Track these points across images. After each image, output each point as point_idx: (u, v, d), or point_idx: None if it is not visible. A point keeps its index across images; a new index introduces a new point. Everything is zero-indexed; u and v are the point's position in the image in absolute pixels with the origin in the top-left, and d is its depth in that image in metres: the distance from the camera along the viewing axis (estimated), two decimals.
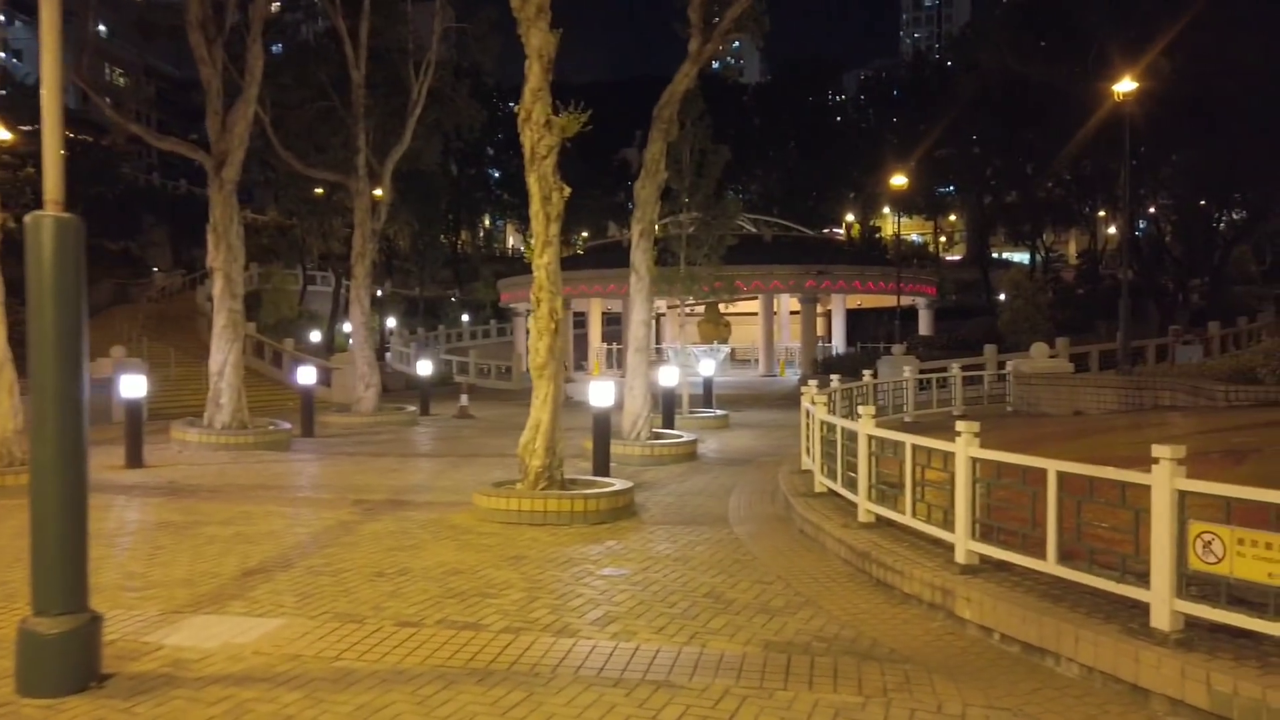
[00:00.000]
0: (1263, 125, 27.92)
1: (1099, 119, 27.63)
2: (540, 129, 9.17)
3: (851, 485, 8.11)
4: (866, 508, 7.60)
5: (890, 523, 7.35)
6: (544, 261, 9.32)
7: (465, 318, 53.29)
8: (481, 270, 60.08)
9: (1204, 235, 31.68)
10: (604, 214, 68.67)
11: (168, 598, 6.38)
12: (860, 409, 7.67)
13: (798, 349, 43.57)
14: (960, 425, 6.20)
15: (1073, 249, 71.25)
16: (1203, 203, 31.18)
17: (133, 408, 12.76)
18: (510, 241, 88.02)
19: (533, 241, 9.44)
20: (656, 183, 13.29)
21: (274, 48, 24.88)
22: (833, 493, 8.81)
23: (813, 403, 9.84)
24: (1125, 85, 18.24)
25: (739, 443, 15.92)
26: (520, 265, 61.72)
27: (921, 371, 20.25)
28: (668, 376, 15.88)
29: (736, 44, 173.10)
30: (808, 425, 10.51)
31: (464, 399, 21.10)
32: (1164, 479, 4.76)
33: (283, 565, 7.31)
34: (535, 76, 9.11)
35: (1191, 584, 4.68)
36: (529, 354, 9.51)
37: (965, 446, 6.14)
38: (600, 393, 11.18)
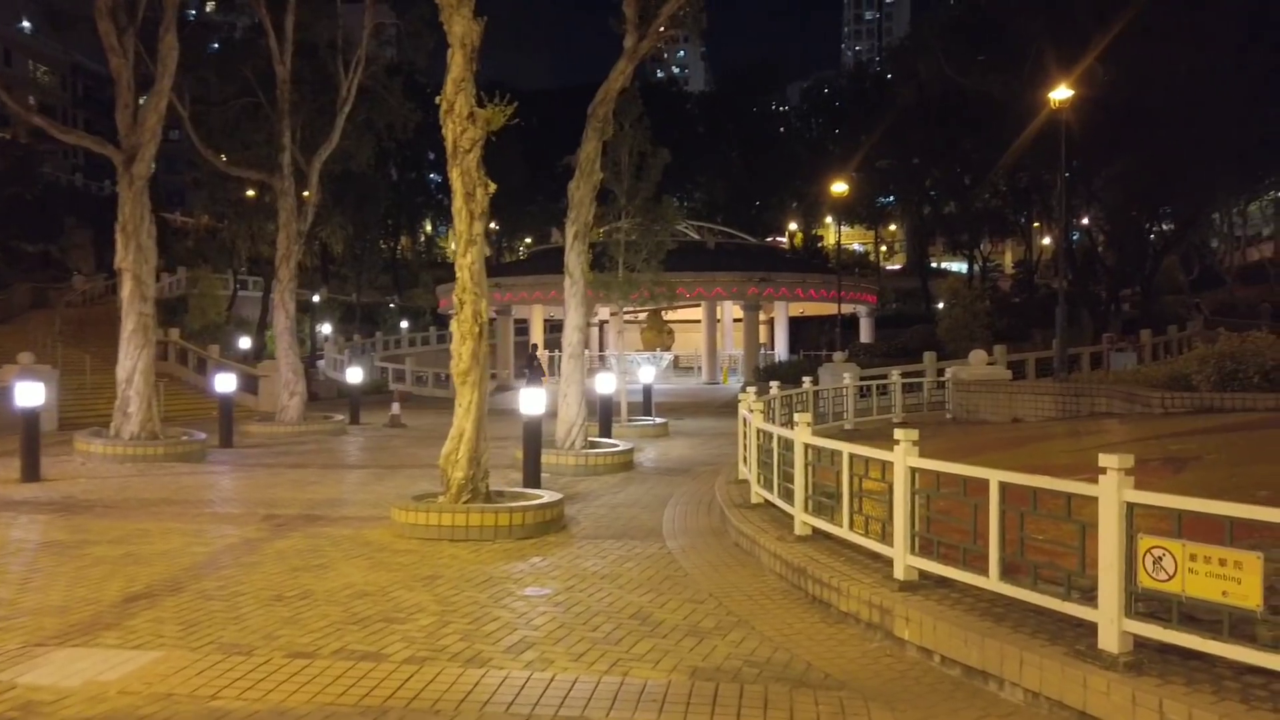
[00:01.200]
0: (1192, 137, 28.55)
1: (1035, 130, 28.00)
2: (463, 121, 8.68)
3: (788, 496, 7.76)
4: (803, 520, 7.25)
5: (828, 536, 7.01)
6: (467, 261, 8.83)
7: (404, 324, 52.19)
8: (421, 276, 58.99)
9: (1136, 245, 32.33)
10: (547, 220, 67.98)
11: (34, 628, 5.74)
12: (797, 417, 7.33)
13: (741, 356, 43.52)
14: (899, 433, 5.87)
15: (1009, 259, 72.68)
16: (1134, 213, 31.77)
17: (29, 417, 11.89)
18: (453, 246, 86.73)
19: (455, 240, 8.92)
20: (591, 183, 12.86)
21: (213, 46, 23.99)
22: (769, 504, 8.45)
23: (750, 410, 9.50)
24: (1061, 93, 18.38)
25: (678, 451, 15.54)
26: None
27: (862, 378, 20.14)
28: (604, 384, 15.45)
29: (682, 53, 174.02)
30: (745, 434, 10.16)
31: (395, 407, 20.39)
32: (1112, 490, 4.46)
33: (172, 589, 6.68)
34: (458, 66, 8.63)
35: (1140, 602, 4.39)
36: (452, 359, 9.00)
37: (904, 456, 5.81)
38: (531, 400, 10.70)
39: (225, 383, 16.22)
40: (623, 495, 11.15)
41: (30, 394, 11.94)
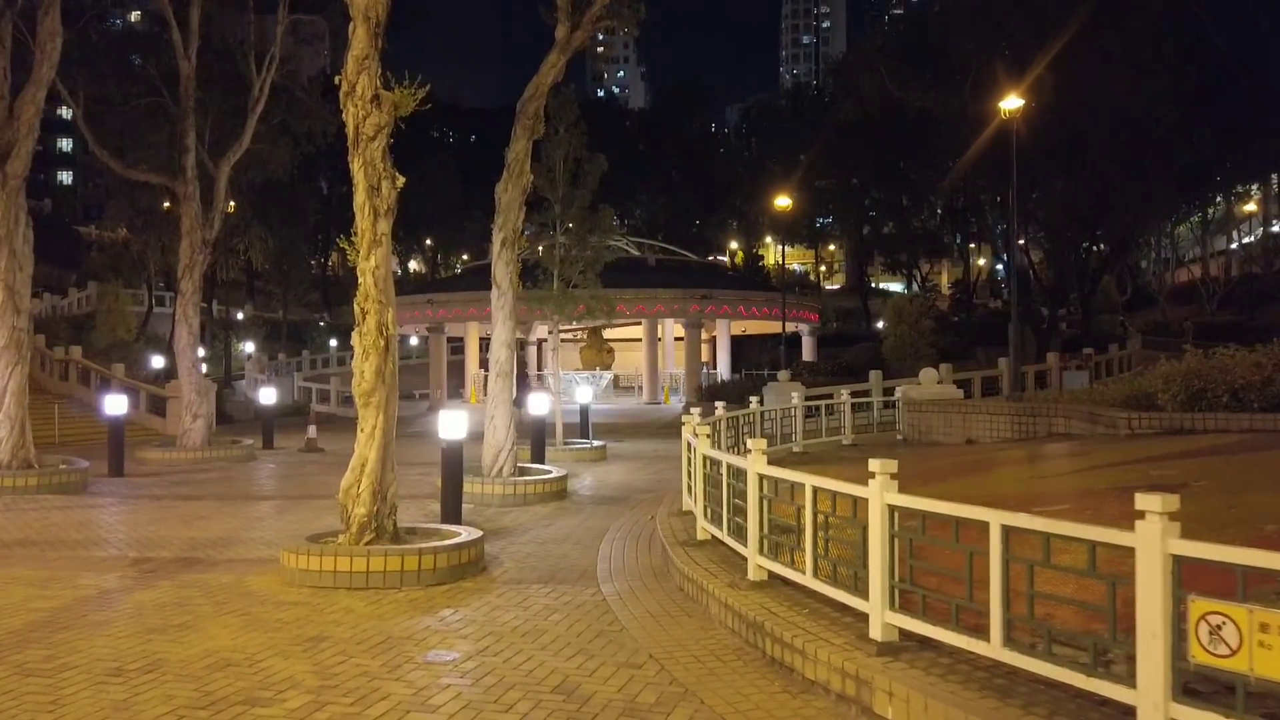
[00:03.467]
0: (1127, 158, 28.65)
1: (975, 149, 27.82)
2: (366, 105, 7.57)
3: (740, 534, 6.75)
4: (758, 563, 6.24)
5: (787, 582, 6.00)
6: (370, 265, 7.68)
7: (333, 343, 50.23)
8: (352, 292, 56.83)
9: (1074, 265, 32.42)
10: (484, 237, 66.37)
11: None
12: (750, 443, 6.33)
13: (682, 376, 42.66)
14: (874, 464, 4.91)
15: (945, 279, 73.51)
16: (1071, 233, 31.86)
17: None
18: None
19: (357, 240, 7.78)
20: (520, 185, 11.80)
21: (110, 39, 22.28)
22: (718, 541, 7.44)
23: (694, 434, 8.49)
24: (1011, 102, 17.96)
25: (616, 477, 14.47)
26: (396, 288, 58.85)
27: (808, 398, 19.35)
28: (537, 405, 14.32)
29: (621, 72, 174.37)
30: (689, 460, 9.15)
31: (311, 430, 18.93)
32: (1154, 541, 3.55)
33: None
34: (360, 42, 7.52)
35: (1193, 681, 3.47)
36: (354, 376, 7.83)
37: (881, 491, 4.85)
38: (450, 423, 9.55)
39: (115, 405, 14.68)
40: (554, 529, 10.03)
41: None
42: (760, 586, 6.15)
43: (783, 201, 29.08)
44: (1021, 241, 53.89)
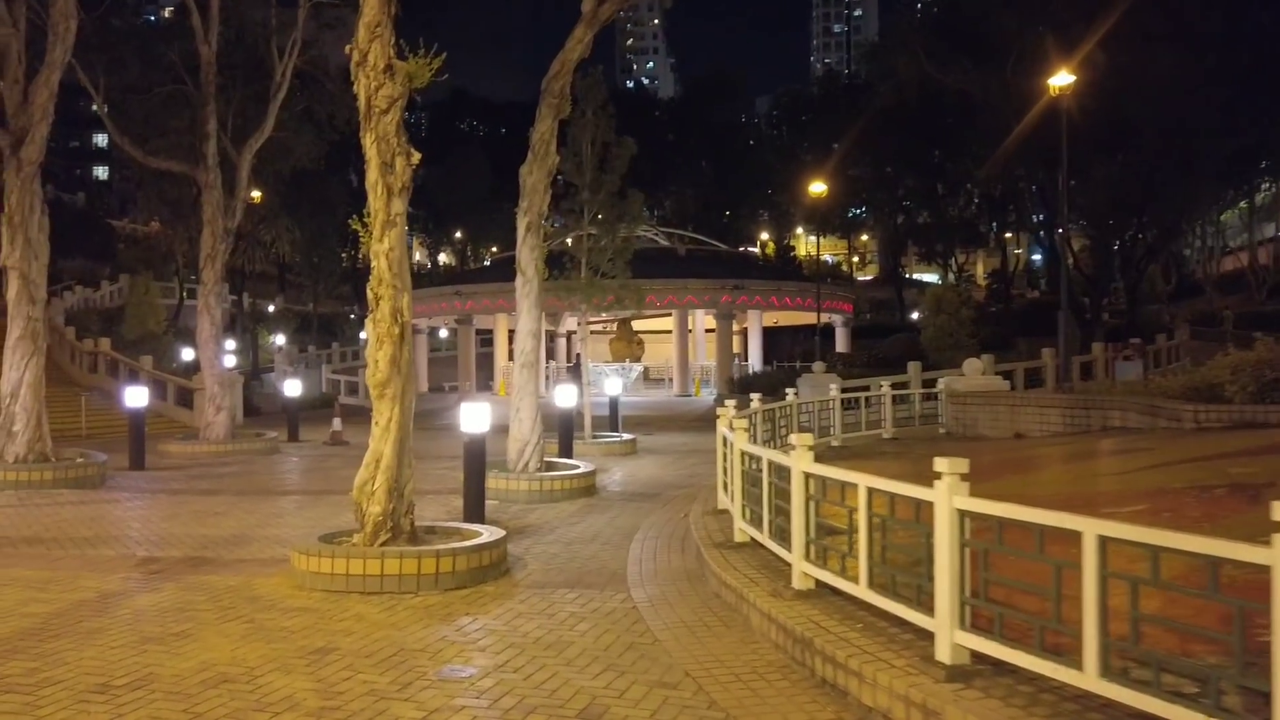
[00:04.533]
0: (1176, 141, 27.57)
1: (1016, 132, 26.86)
2: (379, 75, 7.07)
3: (782, 537, 6.20)
4: (803, 570, 5.67)
5: (836, 592, 5.44)
6: (384, 247, 7.19)
7: (363, 335, 50.16)
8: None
9: (1119, 252, 31.35)
10: (513, 228, 66.15)
11: None
12: (793, 438, 5.76)
13: (713, 368, 42.02)
14: (942, 463, 4.32)
15: (980, 269, 72.04)
16: (1115, 220, 30.78)
17: None
18: (416, 256, 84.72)
19: (370, 221, 7.29)
20: (546, 167, 11.28)
21: (133, 24, 22.03)
22: (757, 544, 6.88)
23: (731, 428, 7.93)
24: (1062, 78, 17.11)
25: (647, 472, 13.94)
26: (425, 280, 58.80)
27: (846, 390, 18.70)
28: (564, 396, 13.82)
29: (650, 63, 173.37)
30: (725, 456, 8.59)
31: (337, 423, 18.58)
32: None
33: None
34: (372, 7, 7.03)
35: None
36: (368, 366, 7.36)
37: (950, 494, 4.26)
38: (473, 417, 9.06)
39: (135, 397, 14.38)
40: (581, 528, 9.52)
41: None
42: (806, 596, 5.58)
43: (818, 188, 28.29)
44: (1060, 230, 52.58)
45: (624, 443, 16.12)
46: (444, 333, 51.38)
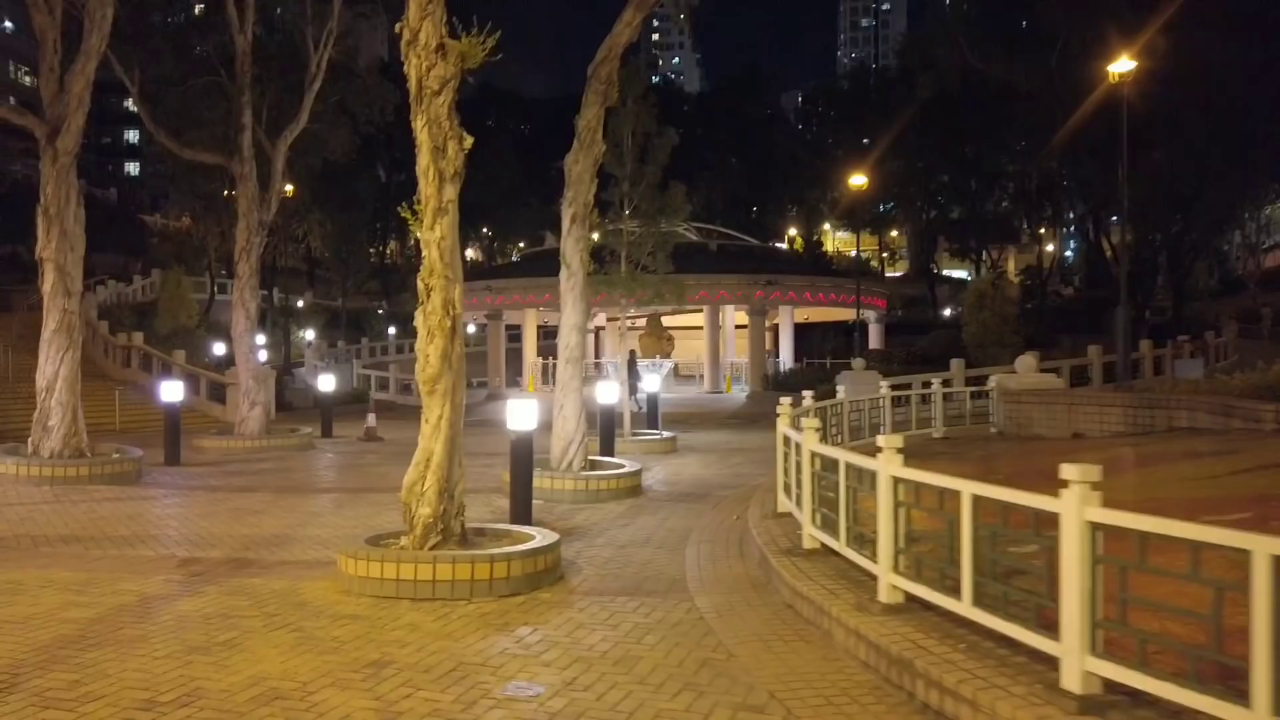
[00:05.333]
0: (1228, 132, 26.74)
1: (1061, 123, 26.14)
2: (430, 55, 6.71)
3: (861, 544, 5.80)
4: (892, 582, 5.26)
5: (929, 605, 5.03)
6: (436, 236, 6.84)
7: (391, 330, 50.12)
8: (410, 281, 56.70)
9: (1165, 247, 30.51)
10: (541, 224, 66.05)
11: None
12: (881, 440, 5.34)
13: (744, 364, 41.50)
14: (1070, 471, 3.89)
15: (1012, 265, 70.95)
16: (1162, 214, 29.93)
17: None
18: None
19: (420, 209, 6.94)
20: (592, 156, 10.90)
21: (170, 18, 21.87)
22: (830, 551, 6.48)
23: (796, 427, 7.52)
24: (1121, 65, 16.46)
25: (690, 471, 13.55)
26: None
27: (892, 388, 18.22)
28: (606, 393, 13.44)
29: (676, 59, 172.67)
30: (786, 456, 8.19)
31: (370, 419, 18.34)
32: None
33: (0, 689, 4.66)
34: None
35: None
36: (417, 361, 7.01)
37: (1079, 505, 3.83)
38: (520, 413, 8.70)
39: (170, 391, 14.18)
40: (632, 530, 9.15)
41: None
42: (896, 611, 5.17)
43: (858, 180, 27.64)
44: (1115, 220, 51.43)
45: (664, 440, 15.73)
46: (471, 328, 51.23)
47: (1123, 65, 16.35)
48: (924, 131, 45.64)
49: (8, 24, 75.97)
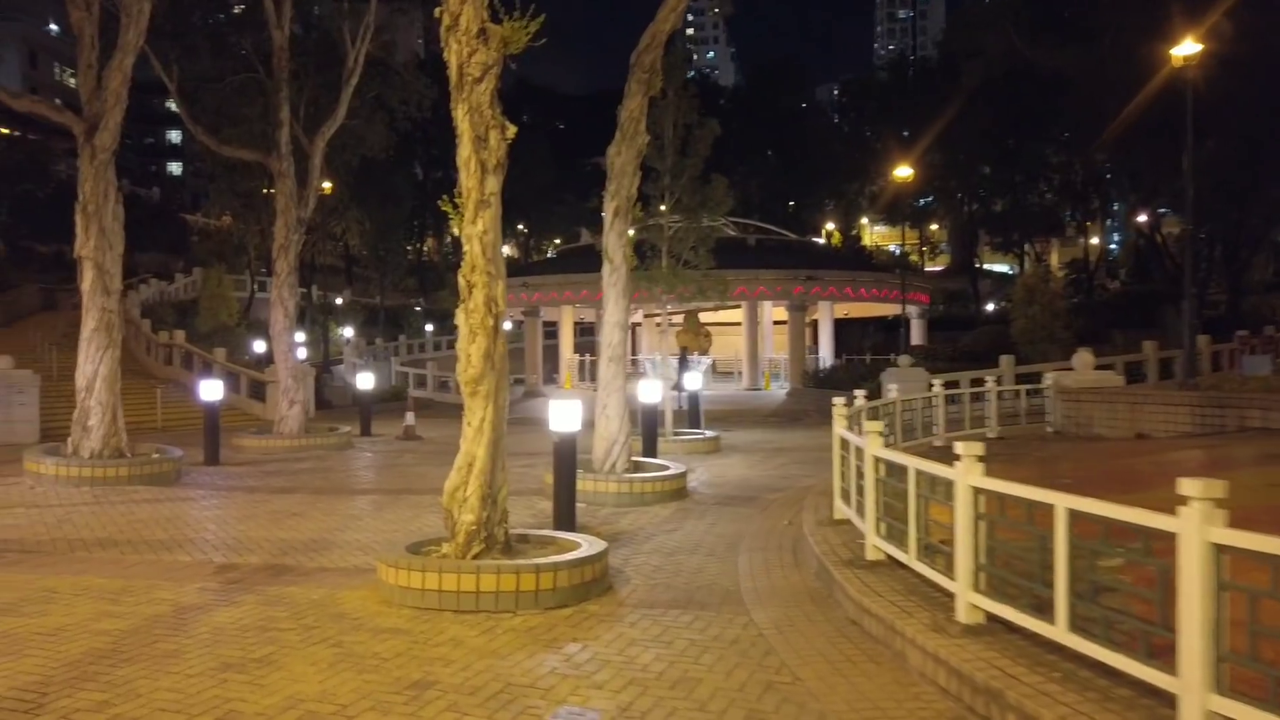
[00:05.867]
0: None
1: (1116, 109, 25.27)
2: (472, 41, 6.40)
3: (930, 556, 5.40)
4: (972, 601, 4.86)
5: (1014, 627, 4.63)
6: (478, 230, 6.53)
7: (429, 328, 50.24)
8: (448, 278, 56.90)
9: (1224, 240, 29.48)
10: (576, 220, 65.98)
11: None
12: (959, 446, 4.93)
13: (782, 361, 40.96)
14: (1189, 486, 3.48)
15: (1055, 259, 69.45)
16: (1219, 206, 28.90)
17: None
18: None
19: (461, 202, 6.64)
20: (635, 148, 10.55)
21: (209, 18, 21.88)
22: (897, 563, 6.08)
23: (854, 429, 7.13)
24: (1186, 48, 15.73)
25: (736, 473, 13.17)
26: None
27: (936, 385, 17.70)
28: (649, 392, 13.10)
29: (711, 53, 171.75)
30: (844, 459, 7.79)
31: (409, 417, 18.17)
32: None
33: (26, 709, 4.43)
34: None
35: None
36: (459, 361, 6.72)
37: (1200, 525, 3.42)
38: (563, 414, 8.37)
39: (210, 390, 14.07)
40: (680, 535, 8.79)
41: None
42: (977, 633, 4.77)
43: (903, 172, 26.96)
44: (1143, 218, 49.99)
45: (707, 440, 15.36)
46: (507, 325, 51.16)
47: (1187, 48, 15.64)
48: (966, 122, 44.64)
49: (52, 26, 77.48)
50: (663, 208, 15.31)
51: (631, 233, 16.45)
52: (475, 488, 6.60)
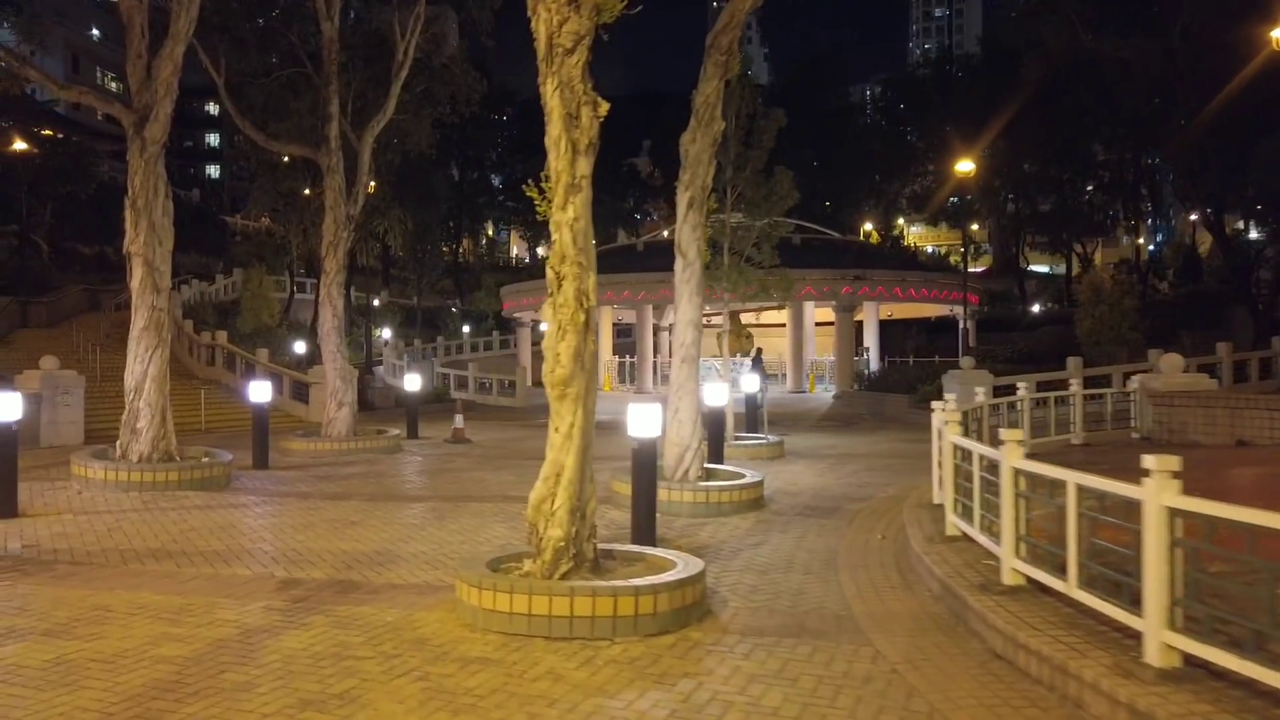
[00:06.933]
0: None
1: (1185, 103, 24.24)
2: (563, 9, 5.82)
3: (1091, 585, 4.71)
4: (1166, 641, 4.17)
5: (1221, 672, 3.94)
6: (568, 216, 5.94)
7: (465, 329, 49.97)
8: (484, 279, 56.75)
9: None
10: (613, 221, 65.56)
11: None
12: (1151, 460, 4.24)
13: (826, 362, 40.13)
14: None
15: (1099, 259, 67.82)
16: None
17: (3, 436, 9.38)
18: (514, 251, 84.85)
19: (549, 187, 6.06)
20: (712, 135, 9.92)
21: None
22: (1042, 587, 5.40)
23: (961, 432, 6.45)
24: None
25: (806, 480, 12.49)
26: (525, 274, 58.39)
27: (997, 390, 16.93)
28: (715, 395, 12.45)
29: (745, 54, 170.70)
30: (957, 469, 7.10)
31: (458, 420, 17.66)
32: None
33: None
34: None
35: None
36: (545, 361, 6.13)
37: None
38: (642, 418, 7.74)
39: (260, 391, 13.63)
40: (767, 550, 8.14)
41: (3, 406, 9.41)
42: (1177, 679, 4.08)
43: (965, 166, 26.01)
44: (1194, 217, 48.48)
45: (771, 445, 14.69)
46: (544, 326, 50.82)
47: None
48: (1013, 119, 43.53)
49: (94, 31, 78.46)
50: (730, 203, 14.64)
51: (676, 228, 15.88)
52: (564, 500, 6.01)
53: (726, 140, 14.27)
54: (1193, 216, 57.11)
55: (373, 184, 24.44)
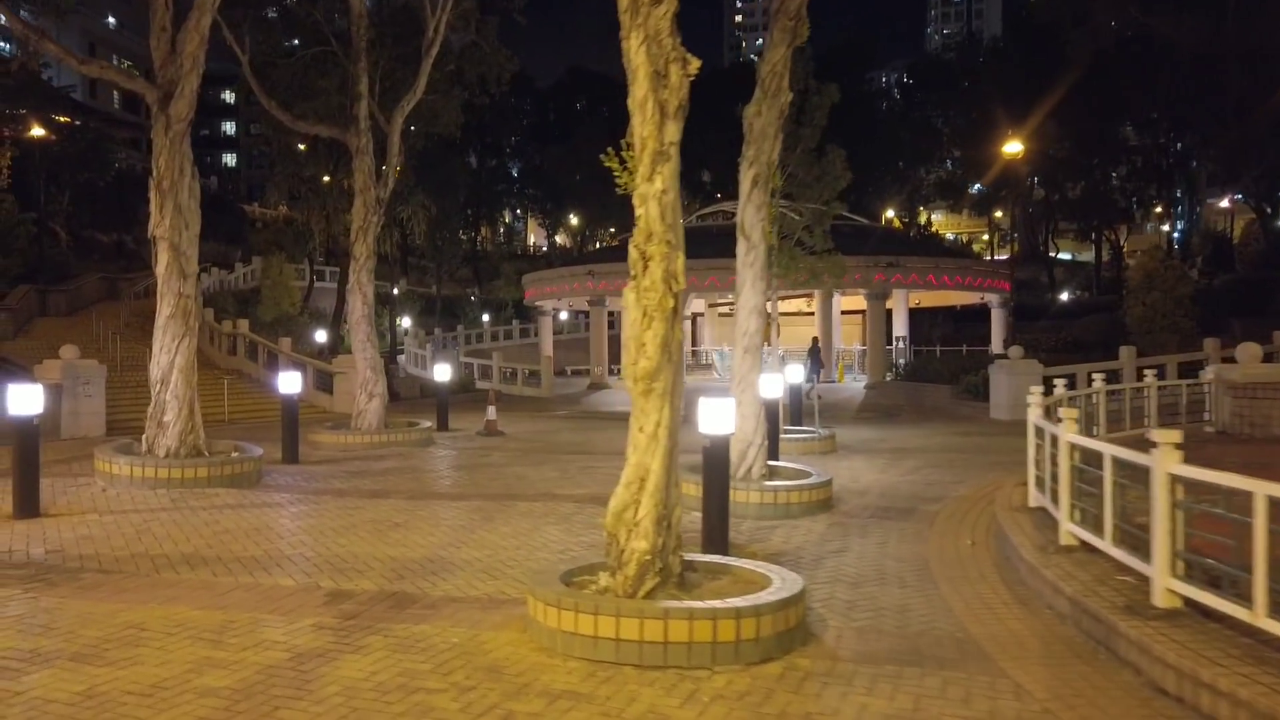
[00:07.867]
0: None
1: (1240, 84, 23.28)
2: None
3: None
4: None
5: None
6: (655, 188, 5.27)
7: (485, 317, 49.41)
8: (503, 268, 56.19)
9: None
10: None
11: None
12: None
13: (855, 352, 39.34)
14: None
15: (1126, 247, 66.48)
16: None
17: (24, 432, 8.80)
18: (531, 239, 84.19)
19: (631, 158, 5.38)
20: (778, 106, 9.20)
21: None
22: (1201, 609, 4.71)
23: (1077, 432, 5.74)
24: None
25: (869, 477, 11.80)
26: (544, 262, 57.72)
27: (1046, 380, 16.16)
28: (770, 386, 11.73)
29: (760, 41, 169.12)
30: (1075, 469, 6.40)
31: (491, 411, 17.04)
32: None
33: None
34: None
35: None
36: (627, 352, 5.46)
37: None
38: (715, 414, 7.06)
39: (290, 383, 13.04)
40: (852, 559, 7.46)
41: (25, 399, 8.84)
42: None
43: (1013, 148, 25.05)
44: (1226, 203, 47.31)
45: (823, 439, 14.00)
46: (565, 315, 50.19)
47: None
48: (1045, 102, 42.47)
49: (110, 19, 78.20)
50: (780, 183, 13.90)
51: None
52: (649, 508, 5.35)
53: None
54: (1223, 203, 55.92)
55: (398, 167, 23.86)
